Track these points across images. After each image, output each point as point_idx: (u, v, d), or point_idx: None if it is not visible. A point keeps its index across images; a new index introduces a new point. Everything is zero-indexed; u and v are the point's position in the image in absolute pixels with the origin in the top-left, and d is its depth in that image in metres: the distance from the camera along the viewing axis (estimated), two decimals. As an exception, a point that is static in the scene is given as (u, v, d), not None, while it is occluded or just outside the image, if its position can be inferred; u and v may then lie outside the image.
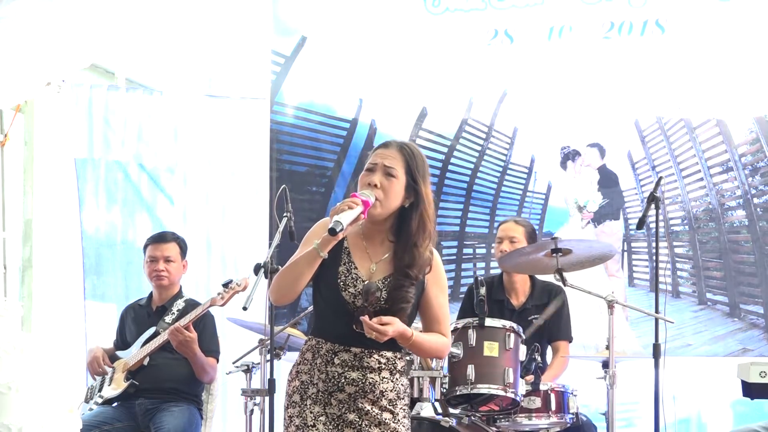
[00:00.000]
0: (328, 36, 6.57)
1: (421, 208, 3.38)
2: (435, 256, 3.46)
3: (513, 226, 5.19)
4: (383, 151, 3.41)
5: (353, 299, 3.36)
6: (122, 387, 5.24)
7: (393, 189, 3.36)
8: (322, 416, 3.36)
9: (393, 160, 3.38)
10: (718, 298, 6.02)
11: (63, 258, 6.64)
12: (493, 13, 6.35)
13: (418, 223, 3.37)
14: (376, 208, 3.34)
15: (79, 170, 6.70)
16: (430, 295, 3.44)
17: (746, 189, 5.97)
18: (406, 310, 3.36)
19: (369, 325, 3.26)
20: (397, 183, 3.36)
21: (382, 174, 3.36)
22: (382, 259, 3.41)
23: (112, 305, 6.56)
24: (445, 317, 3.49)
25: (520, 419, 4.56)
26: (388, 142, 3.47)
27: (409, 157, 3.40)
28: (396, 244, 3.40)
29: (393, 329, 3.27)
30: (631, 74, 6.13)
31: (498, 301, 5.15)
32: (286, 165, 6.58)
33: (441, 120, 6.43)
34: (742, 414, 5.87)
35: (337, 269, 3.38)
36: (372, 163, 3.39)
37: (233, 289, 5.16)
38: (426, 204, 3.39)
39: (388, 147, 3.43)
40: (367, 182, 3.36)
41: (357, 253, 3.41)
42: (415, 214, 3.38)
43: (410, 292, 3.35)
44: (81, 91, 6.72)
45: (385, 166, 3.36)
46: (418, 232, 3.37)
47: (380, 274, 3.38)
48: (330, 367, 3.37)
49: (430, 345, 3.46)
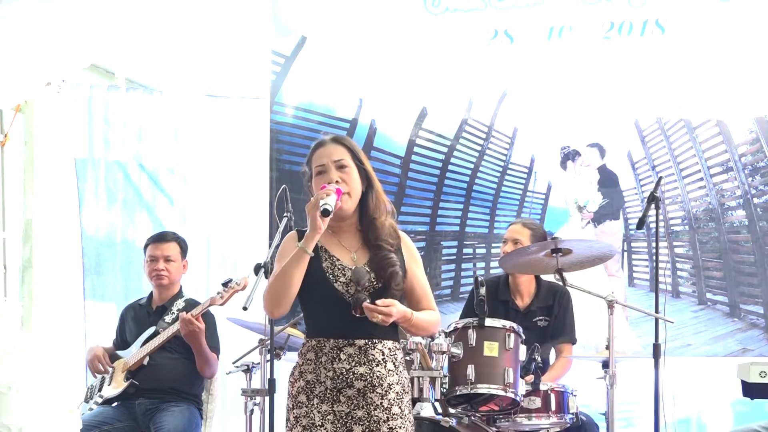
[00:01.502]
0: (328, 36, 6.57)
1: (375, 187, 3.49)
2: (401, 233, 3.53)
3: (519, 228, 5.18)
4: (322, 150, 3.49)
5: (346, 288, 3.39)
6: (122, 387, 5.25)
7: (352, 178, 3.45)
8: (330, 415, 3.37)
9: (337, 153, 3.46)
10: (718, 298, 6.01)
11: (63, 258, 6.64)
12: (493, 13, 6.35)
13: (376, 201, 3.48)
14: (346, 202, 3.41)
15: (79, 170, 6.70)
16: (412, 273, 3.49)
17: (746, 189, 5.97)
18: (397, 273, 3.40)
19: (372, 309, 3.29)
20: (352, 171, 3.45)
21: (336, 169, 3.43)
22: (359, 246, 3.47)
23: (111, 305, 6.56)
24: (429, 291, 3.56)
25: (520, 419, 4.57)
26: (321, 140, 3.54)
27: (349, 145, 3.50)
28: (362, 230, 3.48)
29: (396, 310, 3.33)
30: (631, 74, 6.13)
31: (503, 301, 5.15)
32: (286, 165, 6.58)
33: (441, 120, 6.42)
34: (742, 414, 5.87)
35: (321, 266, 3.41)
36: (320, 165, 3.45)
37: (233, 289, 5.17)
38: (375, 181, 3.50)
39: (325, 145, 3.50)
40: (328, 182, 3.41)
41: (334, 248, 3.46)
42: (371, 193, 3.48)
43: (392, 257, 3.41)
44: (81, 91, 6.72)
45: (335, 161, 3.44)
46: (376, 208, 3.47)
47: (362, 259, 3.44)
48: (337, 363, 3.38)
49: (428, 322, 3.51)
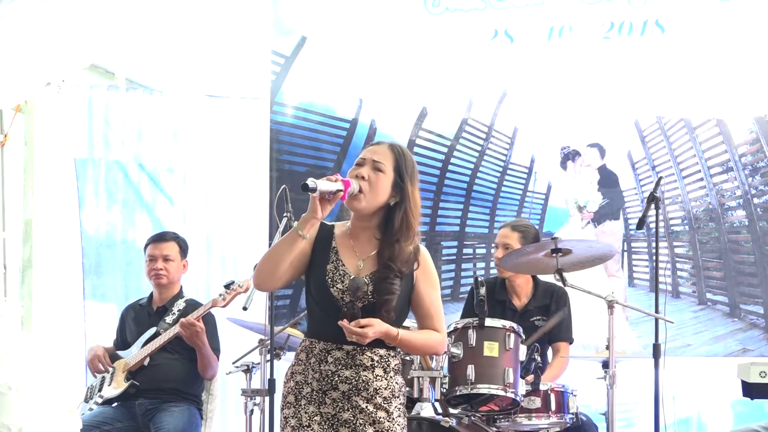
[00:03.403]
0: (328, 36, 6.56)
1: (406, 207, 3.42)
2: (423, 252, 3.49)
3: (508, 232, 5.15)
4: (374, 147, 3.49)
5: (341, 295, 3.38)
6: (122, 387, 5.25)
7: (380, 183, 3.40)
8: (316, 416, 3.36)
9: (382, 155, 3.44)
10: (718, 298, 6.01)
11: (63, 258, 6.64)
12: (493, 13, 6.34)
13: (402, 221, 3.41)
14: (360, 201, 3.39)
15: (79, 170, 6.70)
16: (421, 292, 3.46)
17: (746, 189, 5.97)
18: (392, 301, 3.37)
19: (348, 329, 3.27)
20: (384, 178, 3.41)
21: (371, 168, 3.41)
22: (369, 256, 3.44)
23: (111, 305, 6.56)
24: (437, 313, 3.50)
25: (520, 419, 4.57)
26: (381, 141, 3.55)
27: (399, 156, 3.45)
28: (381, 241, 3.44)
29: (374, 330, 3.29)
30: (631, 74, 6.12)
31: (500, 301, 5.14)
32: (286, 165, 6.57)
33: (441, 120, 6.42)
34: (742, 414, 5.87)
35: (325, 267, 3.41)
36: (362, 158, 3.46)
37: (235, 291, 5.18)
38: (412, 203, 3.43)
39: (379, 144, 3.51)
40: (355, 174, 3.41)
41: (344, 251, 3.44)
42: (400, 212, 3.42)
43: (395, 283, 3.37)
44: (81, 91, 6.72)
45: (374, 161, 3.42)
46: (401, 229, 3.41)
47: (367, 270, 3.41)
48: (323, 365, 3.38)
49: (422, 342, 3.48)
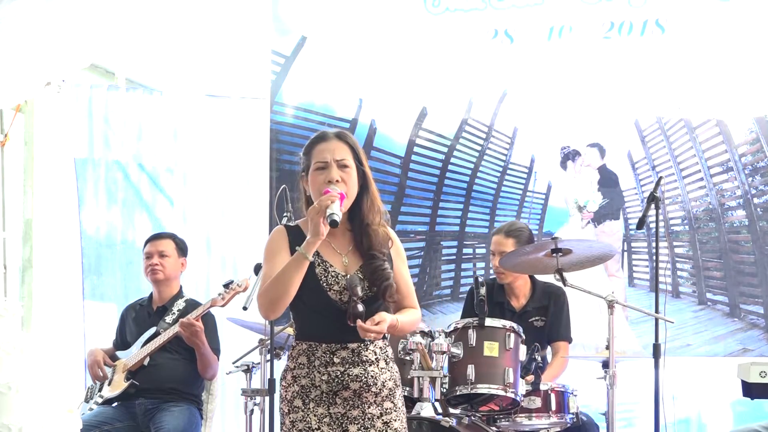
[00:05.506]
0: (328, 36, 6.57)
1: (370, 189, 3.42)
2: (390, 230, 3.49)
3: (502, 239, 5.11)
4: (326, 145, 3.40)
5: (340, 296, 3.36)
6: (122, 387, 5.25)
7: (351, 179, 3.38)
8: (326, 417, 3.35)
9: (341, 151, 3.39)
10: (718, 298, 6.01)
11: (63, 258, 6.65)
12: (493, 13, 6.34)
13: (370, 203, 3.41)
14: (346, 206, 3.36)
15: (78, 170, 6.70)
16: (397, 271, 3.45)
17: (746, 189, 5.97)
18: (392, 286, 3.37)
19: (366, 329, 3.27)
20: (352, 172, 3.38)
21: (338, 168, 3.36)
22: (349, 250, 3.42)
23: (111, 305, 6.56)
24: (412, 290, 3.53)
25: (520, 419, 4.57)
26: (324, 133, 3.46)
27: (351, 143, 3.42)
28: (353, 230, 3.42)
29: (386, 325, 3.31)
30: (631, 74, 6.12)
31: (498, 303, 5.13)
32: (286, 165, 6.57)
33: (441, 120, 6.42)
34: (742, 414, 5.86)
35: (314, 272, 3.36)
36: (322, 161, 3.37)
37: (234, 290, 5.18)
38: (371, 183, 3.43)
39: (328, 140, 3.42)
40: (327, 180, 3.34)
41: (325, 251, 3.40)
42: (366, 195, 3.41)
43: (386, 268, 3.37)
44: (81, 91, 6.73)
45: (337, 160, 3.37)
46: (370, 211, 3.40)
47: (353, 264, 3.39)
48: (330, 367, 3.37)
49: (409, 324, 3.50)
